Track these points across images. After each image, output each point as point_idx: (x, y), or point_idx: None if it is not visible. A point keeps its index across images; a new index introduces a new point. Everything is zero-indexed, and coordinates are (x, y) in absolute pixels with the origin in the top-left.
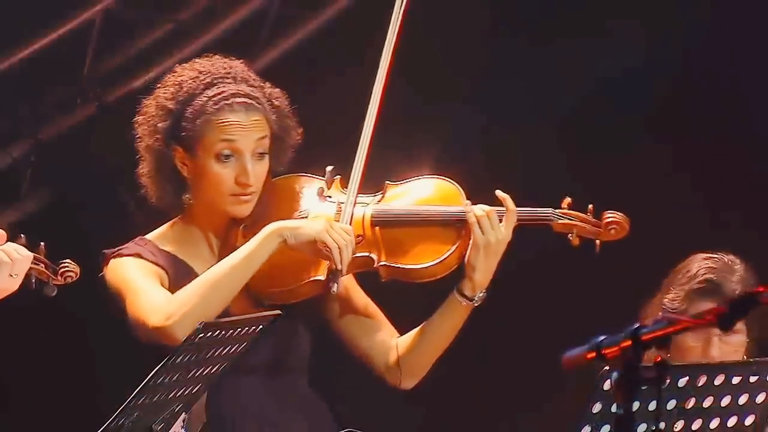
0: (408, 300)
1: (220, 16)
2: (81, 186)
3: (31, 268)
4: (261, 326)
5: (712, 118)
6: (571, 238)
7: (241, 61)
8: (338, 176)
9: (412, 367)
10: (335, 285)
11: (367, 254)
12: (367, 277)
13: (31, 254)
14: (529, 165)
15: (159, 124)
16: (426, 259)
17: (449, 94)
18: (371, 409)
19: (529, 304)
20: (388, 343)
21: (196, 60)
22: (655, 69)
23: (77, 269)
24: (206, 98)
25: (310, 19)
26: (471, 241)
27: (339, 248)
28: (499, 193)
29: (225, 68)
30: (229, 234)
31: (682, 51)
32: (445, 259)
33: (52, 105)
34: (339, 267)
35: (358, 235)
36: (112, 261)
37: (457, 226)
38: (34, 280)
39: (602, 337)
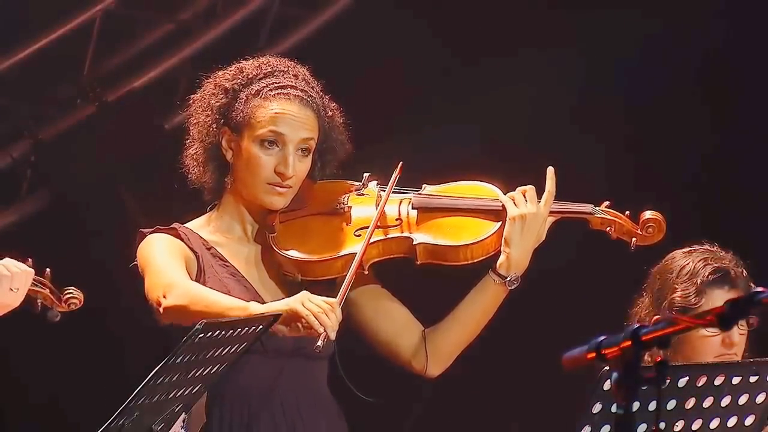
0: (432, 309)
1: (220, 16)
2: (81, 186)
3: (36, 292)
4: (261, 326)
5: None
6: (609, 232)
7: (308, 68)
8: (375, 181)
9: (440, 351)
10: (319, 340)
11: (402, 234)
12: (392, 283)
13: (31, 270)
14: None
15: (213, 102)
16: (465, 237)
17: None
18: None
19: (530, 302)
20: (414, 329)
21: (265, 56)
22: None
23: (81, 297)
24: (264, 84)
25: (310, 19)
26: (507, 218)
27: (314, 314)
28: (549, 169)
29: (290, 66)
30: (266, 218)
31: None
32: (484, 239)
33: (52, 105)
34: (320, 331)
35: (396, 219)
36: (145, 238)
37: (497, 213)
38: (39, 304)
39: (602, 337)
